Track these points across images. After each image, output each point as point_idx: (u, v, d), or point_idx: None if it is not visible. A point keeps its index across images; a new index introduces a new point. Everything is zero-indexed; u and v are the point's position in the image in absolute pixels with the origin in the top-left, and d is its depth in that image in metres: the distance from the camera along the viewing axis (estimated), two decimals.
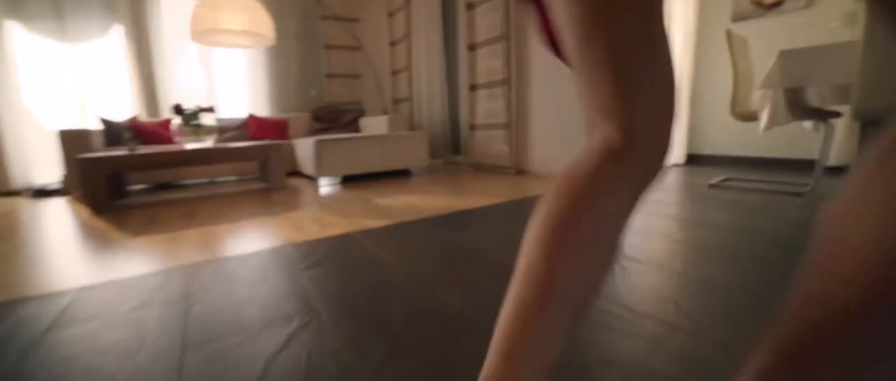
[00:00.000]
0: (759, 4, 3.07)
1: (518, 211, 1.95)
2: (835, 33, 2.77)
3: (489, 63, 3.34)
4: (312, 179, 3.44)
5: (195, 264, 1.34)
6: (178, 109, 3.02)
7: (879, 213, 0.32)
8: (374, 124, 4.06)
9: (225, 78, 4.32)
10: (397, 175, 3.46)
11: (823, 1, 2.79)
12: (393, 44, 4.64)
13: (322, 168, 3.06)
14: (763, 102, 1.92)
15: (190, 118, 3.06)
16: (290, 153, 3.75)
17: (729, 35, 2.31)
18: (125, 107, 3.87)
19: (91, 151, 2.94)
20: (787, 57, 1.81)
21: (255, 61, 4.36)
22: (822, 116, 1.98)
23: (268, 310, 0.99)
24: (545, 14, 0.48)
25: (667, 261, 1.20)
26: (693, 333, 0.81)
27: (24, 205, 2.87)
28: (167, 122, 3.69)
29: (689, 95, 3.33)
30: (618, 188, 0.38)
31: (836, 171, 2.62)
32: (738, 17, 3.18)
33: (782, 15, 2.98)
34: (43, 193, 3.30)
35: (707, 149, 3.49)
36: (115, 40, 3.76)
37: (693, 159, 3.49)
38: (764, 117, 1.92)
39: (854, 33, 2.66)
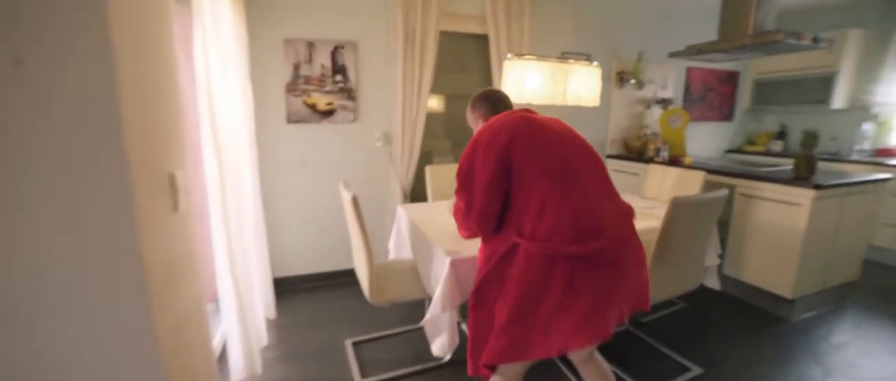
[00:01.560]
0: (314, 109, 2.78)
1: None
2: (378, 149, 3.02)
3: None
4: None
5: None
6: None
7: None
8: None
9: None
10: None
11: (366, 120, 2.97)
12: None
13: None
14: (438, 331, 1.65)
15: None
16: None
17: (354, 201, 1.83)
18: None
19: None
20: (455, 266, 1.61)
21: None
22: None
23: None
24: None
25: None
26: None
27: None
28: None
29: (264, 212, 2.57)
30: None
31: None
32: (294, 119, 2.75)
33: (334, 124, 2.86)
34: None
35: (287, 270, 2.95)
36: None
37: (278, 283, 2.82)
38: (438, 344, 1.66)
39: (393, 151, 2.98)
